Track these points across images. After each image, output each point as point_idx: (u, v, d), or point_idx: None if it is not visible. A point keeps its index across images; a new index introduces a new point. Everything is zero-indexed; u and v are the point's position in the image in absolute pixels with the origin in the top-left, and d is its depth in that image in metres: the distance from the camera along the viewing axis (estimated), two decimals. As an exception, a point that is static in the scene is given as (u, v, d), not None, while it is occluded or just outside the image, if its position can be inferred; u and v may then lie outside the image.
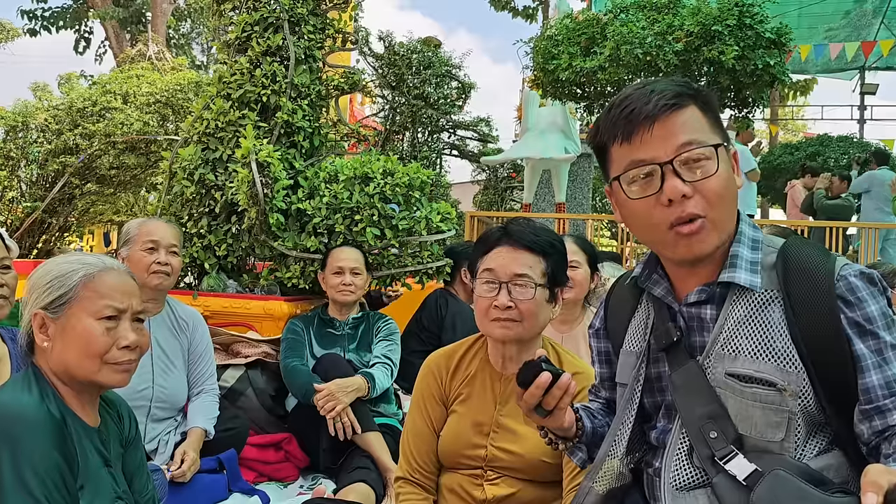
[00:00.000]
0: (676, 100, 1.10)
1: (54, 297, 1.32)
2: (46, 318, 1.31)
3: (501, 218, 7.55)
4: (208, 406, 2.43)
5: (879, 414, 1.02)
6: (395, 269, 3.35)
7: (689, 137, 1.09)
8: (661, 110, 1.09)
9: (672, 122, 1.10)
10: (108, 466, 1.35)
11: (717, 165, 1.09)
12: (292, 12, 3.60)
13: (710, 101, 1.15)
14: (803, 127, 21.95)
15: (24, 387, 1.29)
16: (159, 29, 14.39)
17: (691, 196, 1.08)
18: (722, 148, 1.11)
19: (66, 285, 1.33)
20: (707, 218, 1.09)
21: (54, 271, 1.35)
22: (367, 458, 2.50)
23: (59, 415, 1.27)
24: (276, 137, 3.50)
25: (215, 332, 2.91)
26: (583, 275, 2.64)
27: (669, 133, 1.09)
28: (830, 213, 7.94)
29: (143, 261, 2.33)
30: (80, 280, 1.33)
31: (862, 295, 1.06)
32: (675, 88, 1.11)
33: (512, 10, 17.83)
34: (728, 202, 1.11)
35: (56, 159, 6.38)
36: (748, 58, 5.95)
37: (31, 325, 1.33)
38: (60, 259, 1.39)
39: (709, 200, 1.08)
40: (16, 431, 1.19)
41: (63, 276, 1.33)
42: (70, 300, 1.32)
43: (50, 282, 1.33)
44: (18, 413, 1.22)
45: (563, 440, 1.32)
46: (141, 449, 1.53)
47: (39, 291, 1.33)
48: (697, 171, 1.08)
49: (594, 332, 1.42)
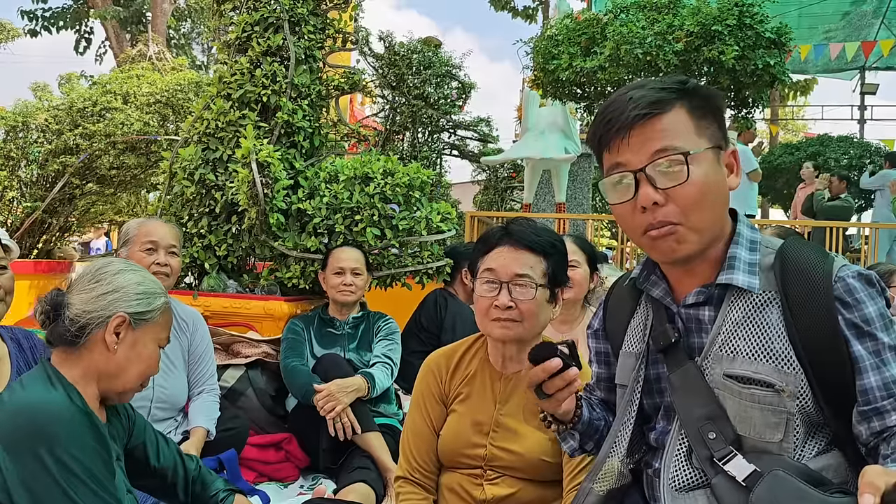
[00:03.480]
0: (651, 108, 1.09)
1: (143, 310, 1.39)
2: (128, 325, 1.37)
3: (501, 218, 7.54)
4: (209, 406, 2.43)
5: (878, 415, 1.03)
6: (395, 269, 3.35)
7: (664, 144, 1.09)
8: (634, 120, 1.09)
9: (649, 128, 1.10)
10: (118, 461, 1.37)
11: (688, 173, 1.07)
12: (292, 12, 3.60)
13: (706, 99, 1.13)
14: (803, 127, 21.94)
15: (45, 385, 1.29)
16: (159, 29, 14.38)
17: (664, 204, 1.08)
18: (707, 152, 1.09)
19: (154, 305, 1.41)
20: (682, 225, 1.09)
21: (146, 285, 1.42)
22: (367, 458, 2.50)
23: (85, 410, 1.29)
24: (277, 137, 3.50)
25: (215, 332, 2.91)
26: (582, 274, 2.64)
27: (646, 139, 1.09)
28: (830, 214, 7.95)
29: (143, 261, 2.32)
30: (162, 305, 1.43)
31: (860, 296, 1.06)
32: (655, 95, 1.10)
33: (512, 10, 17.82)
34: (708, 207, 1.10)
35: (56, 159, 6.37)
36: (748, 58, 5.95)
37: (104, 320, 1.34)
38: (145, 273, 1.46)
39: (682, 208, 1.08)
40: (56, 430, 1.21)
41: (153, 295, 1.42)
42: (151, 320, 1.40)
43: (142, 294, 1.40)
44: (51, 411, 1.24)
45: (559, 423, 1.30)
46: (145, 425, 1.57)
47: (128, 297, 1.38)
48: (672, 177, 1.08)
49: (593, 333, 1.42)
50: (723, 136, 1.14)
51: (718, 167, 1.12)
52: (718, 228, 1.13)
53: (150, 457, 1.53)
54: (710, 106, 1.13)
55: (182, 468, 1.58)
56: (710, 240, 1.13)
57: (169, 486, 1.57)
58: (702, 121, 1.11)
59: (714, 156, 1.11)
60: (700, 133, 1.11)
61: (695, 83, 1.13)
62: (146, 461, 1.53)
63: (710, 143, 1.11)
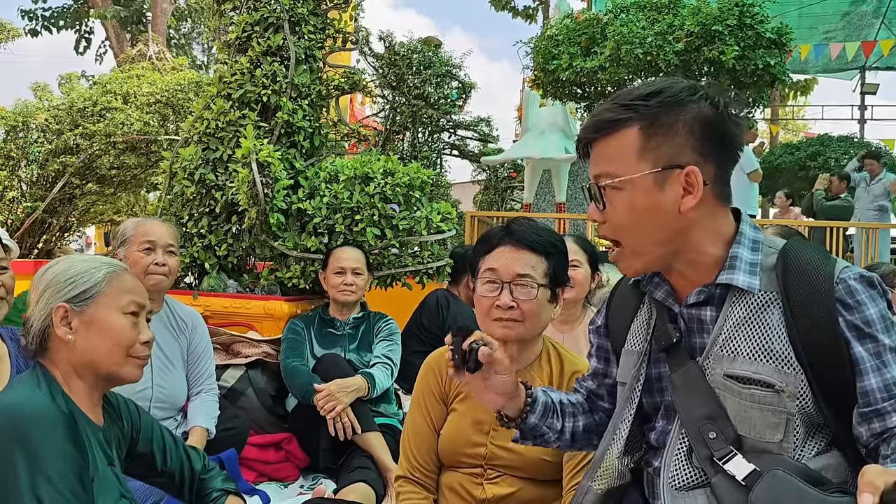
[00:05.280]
0: (597, 133, 1.15)
1: (79, 291, 1.35)
2: (70, 311, 1.34)
3: (502, 218, 7.54)
4: (209, 405, 2.43)
5: (878, 417, 1.03)
6: (395, 269, 3.35)
7: (601, 169, 1.15)
8: (584, 144, 1.18)
9: (597, 149, 1.16)
10: (111, 465, 1.36)
11: (612, 199, 1.13)
12: (293, 12, 3.60)
13: (664, 113, 1.09)
14: (804, 127, 21.93)
15: (32, 386, 1.30)
16: (160, 29, 14.38)
17: (603, 222, 1.17)
18: (644, 177, 1.09)
19: (92, 280, 1.37)
20: (623, 245, 1.16)
21: (76, 267, 1.39)
22: (367, 458, 2.50)
23: (68, 411, 1.28)
24: (277, 137, 3.51)
25: (215, 332, 2.91)
26: (583, 274, 2.64)
27: (594, 158, 1.17)
28: (829, 214, 7.94)
29: (141, 261, 2.32)
30: (105, 276, 1.38)
31: (861, 298, 1.06)
32: (607, 116, 1.13)
33: (512, 10, 17.83)
34: (640, 230, 1.13)
35: (56, 159, 6.38)
36: (748, 58, 5.96)
37: (48, 319, 1.33)
38: (76, 258, 1.43)
39: (615, 228, 1.15)
40: (29, 430, 1.20)
41: (87, 272, 1.38)
42: (97, 294, 1.36)
43: (72, 277, 1.37)
44: (30, 412, 1.23)
45: (509, 419, 1.33)
46: (152, 429, 1.56)
47: (60, 286, 1.36)
48: (607, 201, 1.14)
49: (595, 329, 1.42)
50: (686, 153, 1.09)
51: (658, 192, 1.10)
52: (660, 249, 1.14)
53: (157, 461, 1.54)
54: (679, 121, 1.09)
55: (189, 469, 1.58)
56: (658, 258, 1.15)
57: (176, 486, 1.58)
58: (651, 141, 1.10)
59: (654, 180, 1.09)
60: (643, 156, 1.10)
61: (649, 101, 1.10)
62: (153, 464, 1.54)
63: (655, 165, 1.09)
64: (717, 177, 1.13)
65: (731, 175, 1.17)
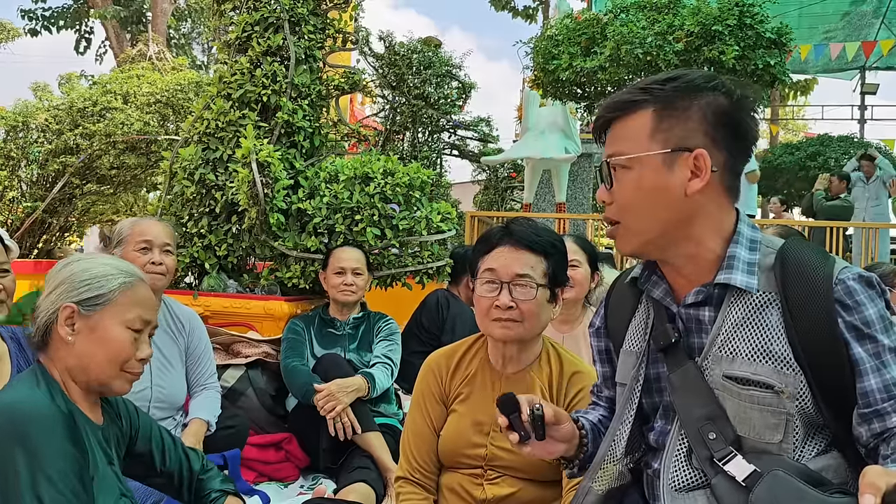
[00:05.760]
0: (613, 113, 1.17)
1: (91, 296, 1.34)
2: (77, 314, 1.33)
3: (501, 218, 7.54)
4: (211, 401, 2.43)
5: (878, 417, 1.03)
6: (395, 269, 3.35)
7: (614, 149, 1.16)
8: (602, 124, 1.20)
9: (613, 130, 1.18)
10: (111, 464, 1.36)
11: (621, 177, 1.14)
12: (293, 12, 3.60)
13: (679, 97, 1.11)
14: (804, 127, 21.94)
15: (31, 384, 1.30)
16: (160, 29, 14.38)
17: (610, 203, 1.18)
18: (653, 157, 1.10)
19: (106, 287, 1.35)
20: (621, 224, 1.17)
21: (94, 270, 1.37)
22: (367, 458, 2.50)
23: (67, 410, 1.28)
24: (277, 137, 3.50)
25: (215, 332, 2.92)
26: (583, 274, 2.64)
27: (609, 140, 1.19)
28: (829, 214, 7.93)
29: (137, 261, 2.30)
30: (119, 286, 1.37)
31: (860, 298, 1.06)
32: (624, 97, 1.16)
33: (512, 10, 17.83)
34: (645, 209, 1.13)
35: (56, 159, 6.37)
36: (748, 58, 5.96)
37: (54, 315, 1.33)
38: (98, 260, 1.42)
39: (620, 208, 1.17)
40: (29, 429, 1.20)
41: (103, 277, 1.36)
42: (107, 302, 1.35)
43: (88, 279, 1.35)
44: (30, 411, 1.23)
45: (568, 462, 1.33)
46: (151, 428, 1.56)
47: (73, 286, 1.35)
48: (616, 180, 1.15)
49: (594, 331, 1.42)
50: (697, 137, 1.10)
51: (667, 172, 1.11)
52: (655, 230, 1.14)
53: (156, 460, 1.54)
54: (682, 104, 1.11)
55: (188, 469, 1.58)
56: (656, 240, 1.15)
57: (175, 486, 1.58)
58: (663, 123, 1.12)
59: (663, 160, 1.11)
60: (654, 137, 1.12)
61: (663, 86, 1.13)
62: (152, 464, 1.54)
63: (665, 146, 1.10)
64: (728, 166, 1.13)
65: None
